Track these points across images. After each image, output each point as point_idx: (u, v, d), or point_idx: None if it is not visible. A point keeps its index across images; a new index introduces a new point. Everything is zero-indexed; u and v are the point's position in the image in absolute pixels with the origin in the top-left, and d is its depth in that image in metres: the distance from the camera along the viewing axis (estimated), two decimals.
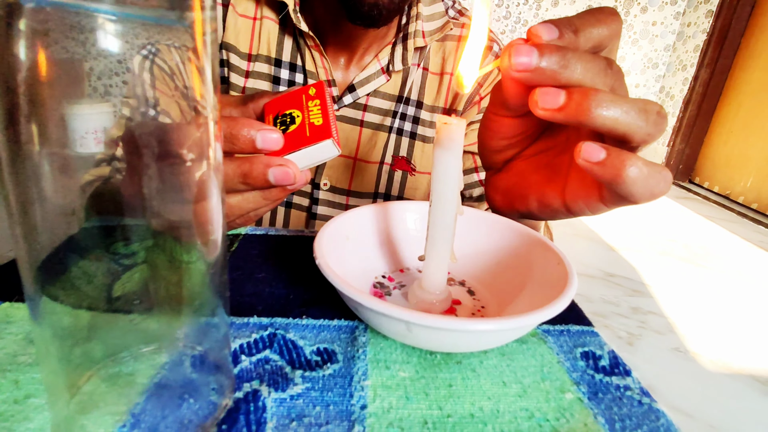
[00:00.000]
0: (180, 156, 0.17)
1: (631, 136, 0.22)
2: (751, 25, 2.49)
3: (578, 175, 0.27)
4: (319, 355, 0.23)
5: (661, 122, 0.22)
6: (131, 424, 0.18)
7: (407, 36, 0.51)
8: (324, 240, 0.27)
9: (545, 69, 0.22)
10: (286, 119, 0.30)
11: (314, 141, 0.28)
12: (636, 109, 0.22)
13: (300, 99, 0.31)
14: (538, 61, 0.21)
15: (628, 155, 0.22)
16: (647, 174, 0.22)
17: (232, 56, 0.50)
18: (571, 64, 0.22)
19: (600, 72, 0.22)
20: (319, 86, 0.31)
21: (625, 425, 0.20)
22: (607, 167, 0.22)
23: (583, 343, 0.26)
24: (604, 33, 0.23)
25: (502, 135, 0.30)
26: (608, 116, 0.21)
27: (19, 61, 0.14)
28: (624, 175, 0.22)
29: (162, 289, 0.20)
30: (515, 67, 0.22)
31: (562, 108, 0.22)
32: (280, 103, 0.31)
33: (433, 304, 0.27)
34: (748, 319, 1.32)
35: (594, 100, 0.21)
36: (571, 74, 0.22)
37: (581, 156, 0.22)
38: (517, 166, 0.32)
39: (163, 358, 0.21)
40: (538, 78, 0.22)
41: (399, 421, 0.20)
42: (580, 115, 0.21)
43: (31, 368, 0.21)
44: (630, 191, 0.23)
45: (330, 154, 0.29)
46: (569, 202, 0.28)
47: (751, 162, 2.38)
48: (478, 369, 0.23)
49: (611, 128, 0.22)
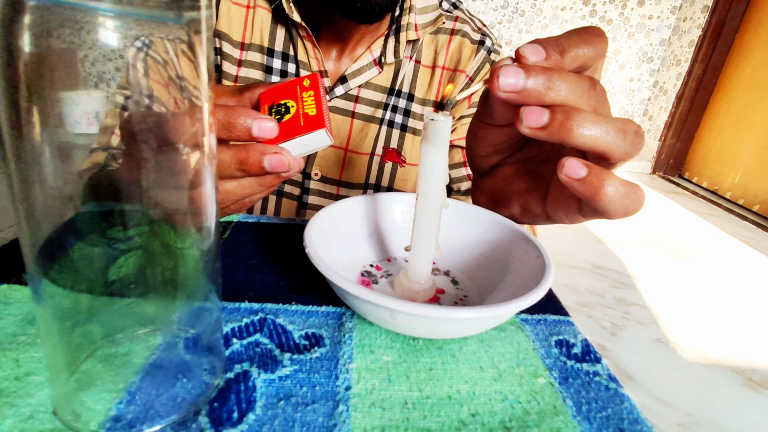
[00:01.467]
0: (174, 145, 0.18)
1: (610, 154, 0.24)
2: (745, 21, 2.51)
3: (560, 186, 0.29)
4: (307, 339, 0.25)
5: (638, 142, 0.24)
6: (127, 401, 0.19)
7: (400, 28, 0.51)
8: (314, 229, 0.28)
9: (531, 90, 0.23)
10: (281, 109, 0.31)
11: (308, 130, 0.29)
12: (615, 129, 0.23)
13: (294, 89, 0.32)
14: (524, 83, 0.23)
15: (607, 174, 0.23)
16: (623, 193, 0.24)
17: (225, 44, 0.51)
18: (556, 85, 0.23)
19: (584, 93, 0.23)
20: (313, 78, 0.32)
21: (591, 408, 0.22)
22: (586, 184, 0.23)
23: (558, 331, 0.28)
24: (589, 53, 0.24)
25: (489, 142, 0.31)
26: (589, 135, 0.23)
27: (20, 52, 0.15)
28: (602, 193, 0.23)
29: (157, 274, 0.20)
30: (502, 88, 0.23)
31: (545, 127, 0.23)
32: (275, 93, 0.32)
33: (418, 292, 0.28)
34: (728, 313, 1.36)
35: (576, 120, 0.22)
36: (556, 95, 0.23)
37: (563, 172, 0.24)
38: (502, 172, 0.33)
39: (158, 339, 0.22)
40: (524, 98, 0.23)
41: (381, 402, 0.21)
42: (562, 134, 0.23)
43: (31, 347, 0.22)
44: (606, 208, 0.24)
45: (323, 144, 0.30)
46: (549, 211, 0.30)
47: (740, 158, 2.42)
48: (458, 354, 0.25)
49: (591, 147, 0.23)
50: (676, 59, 2.83)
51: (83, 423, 0.18)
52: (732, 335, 1.24)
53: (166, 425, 0.18)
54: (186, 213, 0.19)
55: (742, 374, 1.08)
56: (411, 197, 0.35)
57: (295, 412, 0.20)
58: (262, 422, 0.19)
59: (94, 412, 0.18)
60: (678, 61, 2.81)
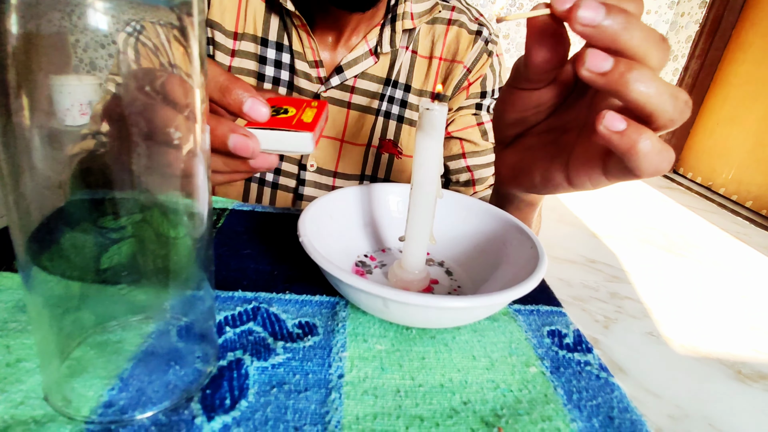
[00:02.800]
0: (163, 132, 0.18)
1: (657, 117, 0.23)
2: (742, 18, 2.51)
3: (583, 150, 0.28)
4: (301, 328, 0.25)
5: (685, 111, 0.23)
6: (119, 388, 0.19)
7: (396, 17, 0.50)
8: (308, 219, 0.28)
9: (607, 28, 0.22)
10: (280, 110, 0.31)
11: (295, 128, 0.29)
12: (668, 93, 0.22)
13: (301, 103, 0.32)
14: (602, 19, 0.22)
15: (645, 130, 0.23)
16: (658, 150, 0.23)
17: (218, 34, 0.50)
18: (632, 29, 0.22)
19: (654, 45, 0.23)
20: (322, 103, 0.33)
21: (582, 396, 0.22)
22: (624, 138, 0.23)
23: (550, 322, 0.28)
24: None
25: (518, 108, 0.30)
26: (643, 92, 0.22)
27: (8, 34, 0.14)
28: (638, 148, 0.23)
29: (149, 262, 0.20)
30: (580, 20, 0.22)
31: (605, 73, 0.22)
32: (282, 100, 0.32)
33: (412, 282, 0.28)
34: (719, 307, 1.38)
35: (636, 74, 0.22)
36: (630, 39, 0.22)
37: (603, 123, 0.23)
38: (525, 142, 0.33)
39: (151, 327, 0.22)
40: (599, 35, 0.22)
41: (374, 390, 0.21)
42: (620, 85, 0.22)
43: (22, 334, 0.22)
44: (639, 164, 0.24)
45: (304, 148, 0.29)
46: (572, 176, 0.29)
47: (734, 154, 2.43)
48: (451, 344, 0.25)
49: (642, 105, 0.23)
50: (673, 54, 2.83)
51: (75, 409, 0.18)
52: (723, 329, 1.26)
53: (158, 412, 0.18)
54: (178, 200, 0.19)
55: (732, 367, 1.10)
56: (406, 188, 0.34)
57: (288, 399, 0.20)
58: (255, 409, 0.19)
59: (85, 399, 0.18)
60: (675, 56, 2.81)
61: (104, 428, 0.18)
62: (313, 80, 0.52)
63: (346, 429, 0.19)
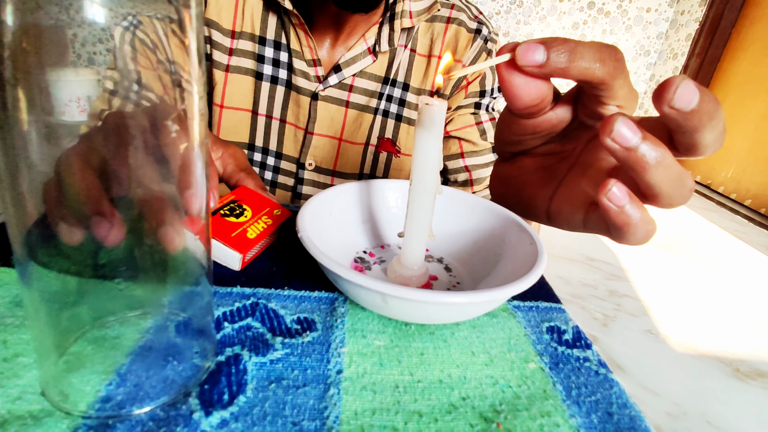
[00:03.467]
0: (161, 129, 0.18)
1: (660, 200, 0.23)
2: (742, 16, 2.50)
3: (570, 190, 0.28)
4: (299, 324, 0.25)
5: (687, 198, 0.23)
6: (117, 383, 0.19)
7: (394, 16, 0.50)
8: (307, 215, 0.28)
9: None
10: (236, 209, 0.32)
11: (229, 244, 0.29)
12: (680, 180, 0.22)
13: (265, 207, 0.34)
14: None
15: (643, 208, 0.22)
16: (645, 226, 0.23)
17: (215, 33, 0.50)
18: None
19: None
20: (285, 214, 0.34)
21: (581, 392, 0.22)
22: (622, 213, 0.22)
23: (550, 318, 0.28)
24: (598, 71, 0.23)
25: (516, 131, 0.30)
26: (659, 179, 0.21)
27: (5, 27, 0.14)
28: (632, 226, 0.22)
29: (147, 258, 0.20)
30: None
31: (629, 149, 0.21)
32: (251, 196, 0.34)
33: (411, 278, 0.28)
34: (718, 305, 1.38)
35: (658, 158, 0.21)
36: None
37: (606, 196, 0.22)
38: (522, 161, 0.33)
39: (148, 323, 0.22)
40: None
41: (372, 385, 0.21)
42: (640, 165, 0.21)
43: (19, 329, 0.22)
44: (624, 236, 0.23)
45: (231, 264, 0.29)
46: (553, 210, 0.29)
47: (733, 153, 2.43)
48: (449, 340, 0.25)
49: (653, 188, 0.22)
50: (673, 53, 2.83)
51: (72, 404, 0.18)
52: (721, 327, 1.26)
53: (156, 407, 0.18)
54: (176, 198, 0.19)
55: (730, 365, 1.10)
56: (405, 184, 0.34)
57: (286, 395, 0.20)
58: (253, 404, 0.19)
59: (83, 393, 0.18)
60: (675, 54, 2.81)
61: (101, 423, 0.17)
62: (311, 79, 0.51)
63: (345, 424, 0.19)
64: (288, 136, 0.54)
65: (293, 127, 0.53)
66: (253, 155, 0.55)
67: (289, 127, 0.53)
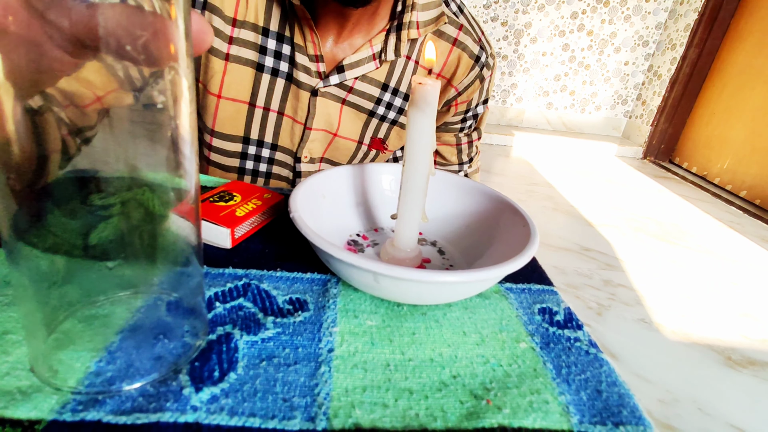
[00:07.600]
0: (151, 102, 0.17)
1: None
2: (741, 6, 2.49)
3: None
4: (291, 304, 0.25)
5: None
6: (107, 360, 0.19)
7: (402, 26, 0.50)
8: (300, 196, 0.27)
9: None
10: (227, 196, 0.32)
11: (218, 222, 0.29)
12: None
13: (254, 193, 0.34)
14: None
15: None
16: None
17: (216, 19, 0.49)
18: None
19: None
20: (277, 199, 0.34)
21: (571, 371, 0.22)
22: None
23: (542, 300, 0.28)
24: None
25: None
26: None
27: None
28: None
29: (137, 238, 0.20)
30: None
31: None
32: (242, 187, 0.35)
33: (404, 261, 0.28)
34: (711, 295, 1.39)
35: None
36: None
37: None
38: None
39: (139, 302, 0.22)
40: None
41: (363, 363, 0.21)
42: None
43: (8, 308, 0.21)
44: None
45: (222, 242, 0.29)
46: None
47: (730, 144, 2.43)
48: (441, 320, 0.25)
49: None
50: (672, 43, 2.81)
51: (61, 379, 0.18)
52: (714, 316, 1.27)
53: (146, 383, 0.18)
54: (165, 174, 0.19)
55: (722, 353, 1.11)
56: (399, 167, 0.34)
57: (277, 372, 0.20)
58: (244, 381, 0.19)
59: (72, 369, 0.18)
60: (673, 45, 2.80)
61: (91, 398, 0.17)
62: (312, 74, 0.51)
63: (335, 401, 0.19)
64: (285, 128, 0.54)
65: (291, 120, 0.53)
66: (247, 148, 0.54)
67: (287, 119, 0.53)
